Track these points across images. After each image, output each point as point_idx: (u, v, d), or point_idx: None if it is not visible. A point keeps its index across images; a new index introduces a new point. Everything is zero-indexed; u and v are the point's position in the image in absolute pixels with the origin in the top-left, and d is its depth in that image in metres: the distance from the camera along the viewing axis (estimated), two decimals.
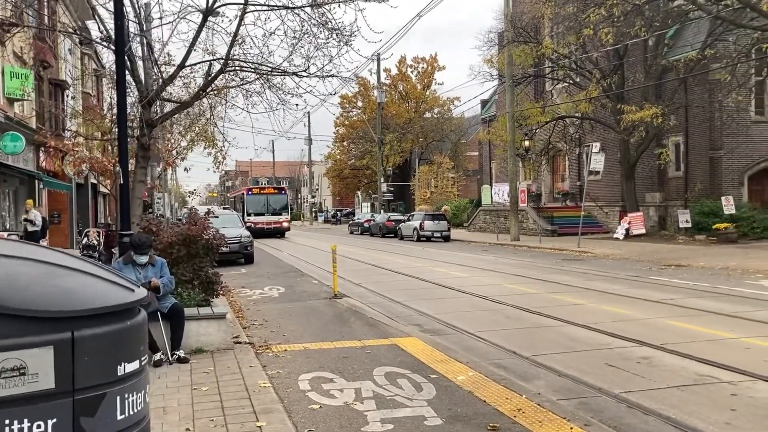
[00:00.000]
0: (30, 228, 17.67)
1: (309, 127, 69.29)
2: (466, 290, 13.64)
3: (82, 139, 19.98)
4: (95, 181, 31.75)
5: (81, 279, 2.61)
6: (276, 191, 44.44)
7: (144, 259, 7.44)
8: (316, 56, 10.67)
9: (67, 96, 29.30)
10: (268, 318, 10.57)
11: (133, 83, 10.92)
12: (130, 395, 2.66)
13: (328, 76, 10.79)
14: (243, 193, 44.51)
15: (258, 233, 37.18)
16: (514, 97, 30.55)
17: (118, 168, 10.85)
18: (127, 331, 2.66)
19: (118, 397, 2.59)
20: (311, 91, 11.37)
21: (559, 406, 5.58)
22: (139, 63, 11.04)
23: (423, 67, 67.62)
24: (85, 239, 20.38)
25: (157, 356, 7.07)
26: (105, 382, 2.54)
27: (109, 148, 21.66)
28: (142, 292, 2.88)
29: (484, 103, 48.23)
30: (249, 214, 39.86)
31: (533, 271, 17.28)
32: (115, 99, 19.31)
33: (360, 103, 67.88)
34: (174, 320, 7.35)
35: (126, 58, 10.44)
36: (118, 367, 2.59)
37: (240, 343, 7.98)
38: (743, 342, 8.31)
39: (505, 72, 30.85)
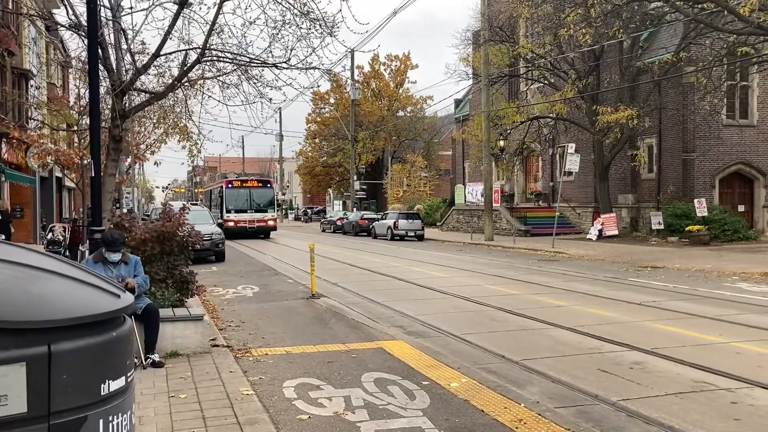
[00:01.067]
0: None
1: (280, 123, 68.56)
2: (446, 291, 13.38)
3: (47, 131, 19.27)
4: (60, 175, 30.85)
5: (58, 283, 2.24)
6: (261, 184, 38.07)
7: (117, 256, 7.00)
8: (297, 47, 10.28)
9: (31, 86, 28.36)
10: (244, 319, 10.17)
11: (105, 72, 10.40)
12: (115, 417, 2.30)
13: (311, 68, 10.42)
14: (221, 187, 37.69)
15: (239, 233, 34.11)
16: (490, 97, 30.45)
17: (87, 161, 10.36)
18: (113, 344, 2.30)
19: (101, 421, 2.23)
20: (291, 83, 10.95)
21: (560, 416, 5.33)
22: (112, 51, 10.52)
23: (396, 65, 67.31)
24: (50, 234, 19.66)
25: None
26: (86, 404, 2.18)
27: (76, 140, 20.98)
28: (128, 298, 2.52)
29: (457, 102, 48.15)
30: (229, 211, 35.17)
31: (511, 272, 17.11)
32: (83, 90, 18.73)
33: (332, 100, 67.35)
34: (148, 322, 6.93)
35: (98, 45, 9.94)
36: (102, 385, 2.24)
37: (217, 346, 7.59)
38: (733, 346, 8.17)
39: (480, 71, 30.71)
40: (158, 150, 17.14)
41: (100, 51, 10.02)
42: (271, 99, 11.76)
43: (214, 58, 10.88)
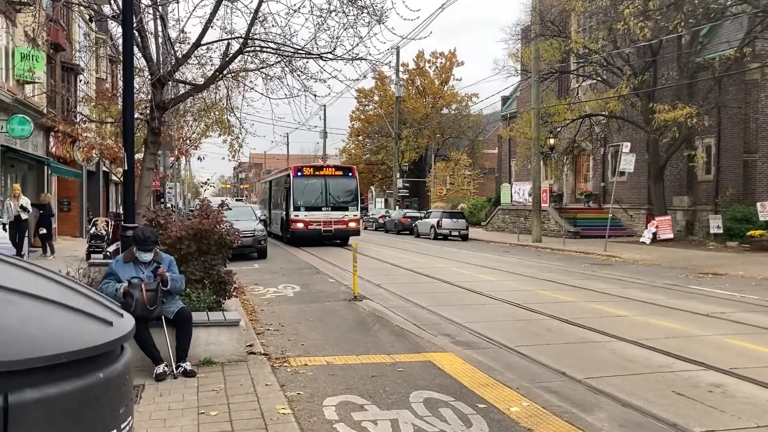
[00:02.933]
0: (23, 215, 16.80)
1: (324, 119, 68.14)
2: (495, 296, 12.67)
3: (93, 125, 19.20)
4: (107, 169, 31.03)
5: (28, 309, 1.68)
6: (340, 173, 28.31)
7: (148, 256, 6.54)
8: (344, 36, 9.71)
9: (80, 81, 28.54)
10: (284, 322, 9.66)
11: (144, 62, 10.02)
12: None
13: (357, 59, 9.84)
14: (287, 176, 28.21)
15: (311, 238, 26.43)
16: (540, 93, 29.47)
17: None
18: (100, 388, 1.73)
19: None
20: (336, 75, 10.38)
21: None
22: (152, 40, 10.13)
23: (441, 63, 66.42)
24: (93, 228, 19.56)
25: (161, 368, 6.18)
26: None
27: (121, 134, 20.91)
28: (126, 323, 1.96)
29: (504, 99, 47.12)
30: (297, 208, 26.48)
31: (563, 276, 16.27)
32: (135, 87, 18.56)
33: (376, 98, 66.88)
34: (180, 327, 6.45)
35: (137, 33, 9.56)
36: None
37: (254, 353, 7.07)
38: None
39: (529, 67, 29.76)
40: (200, 145, 16.75)
41: (139, 39, 9.65)
42: (315, 95, 11.26)
43: (257, 49, 10.40)
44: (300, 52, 10.28)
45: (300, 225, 26.27)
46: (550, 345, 8.48)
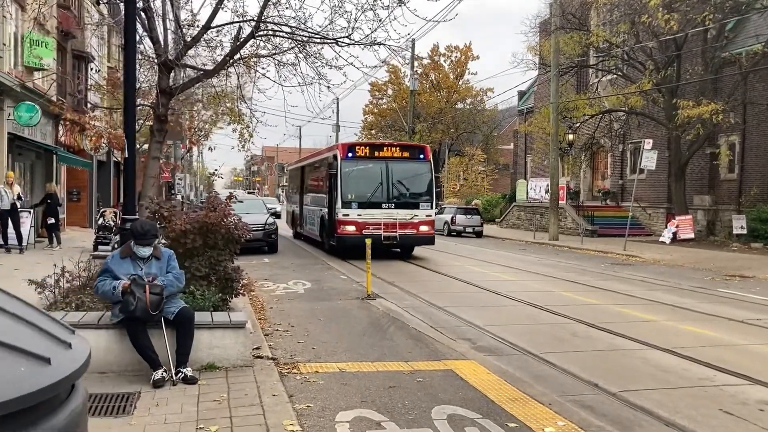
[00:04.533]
0: (18, 204, 16.41)
1: (338, 112, 67.54)
2: (515, 297, 12.09)
3: (100, 113, 18.76)
4: (117, 159, 30.66)
5: None
6: (407, 154, 19.78)
7: (147, 251, 6.02)
8: (362, 20, 9.15)
9: (91, 69, 28.12)
10: (293, 322, 9.13)
11: (151, 45, 9.51)
12: None
13: (375, 44, 9.27)
14: (333, 157, 19.66)
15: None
16: (559, 88, 28.75)
17: (139, 144, 9.41)
18: None
19: None
20: (353, 62, 9.83)
21: None
22: (159, 22, 9.61)
23: (456, 56, 65.55)
24: (101, 219, 19.14)
25: (159, 374, 5.67)
26: None
27: None
28: (77, 354, 1.42)
29: (521, 94, 46.38)
30: (348, 203, 18.74)
31: (584, 276, 15.65)
32: (142, 74, 18.11)
33: (390, 91, 66.22)
34: (181, 329, 5.93)
35: (143, 14, 9.05)
36: None
37: (261, 357, 6.54)
38: None
39: (549, 60, 29.04)
40: (211, 134, 16.25)
41: (146, 21, 9.14)
42: (329, 86, 10.72)
43: (270, 33, 9.86)
44: (315, 36, 9.72)
45: (350, 228, 18.47)
46: (578, 352, 7.90)
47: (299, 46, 10.01)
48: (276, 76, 10.50)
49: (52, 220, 18.44)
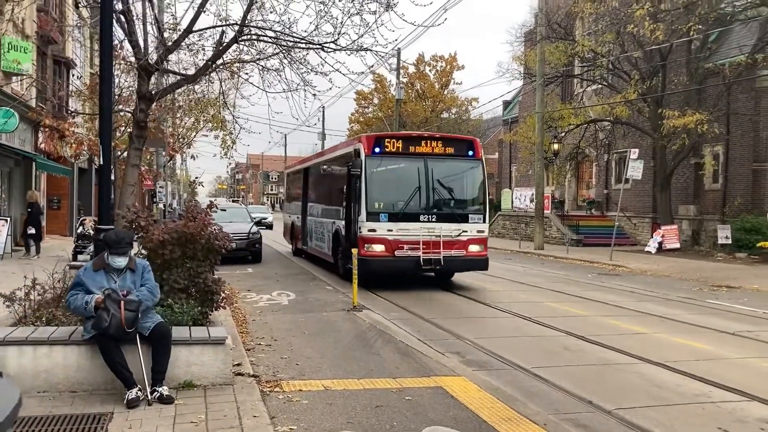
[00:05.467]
0: None
1: (323, 120, 67.42)
2: (503, 308, 11.88)
3: (81, 120, 18.37)
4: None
5: None
6: (452, 150, 15.21)
7: (122, 261, 5.72)
8: (347, 25, 8.93)
9: (73, 75, 27.68)
10: (277, 335, 8.84)
11: (131, 49, 9.22)
12: None
13: (361, 50, 9.05)
14: (356, 154, 14.96)
15: (398, 272, 14.59)
16: (544, 97, 28.72)
17: (119, 151, 9.18)
18: None
19: None
20: (339, 68, 9.60)
21: None
22: (139, 25, 9.31)
23: (441, 66, 65.73)
24: (81, 228, 18.73)
25: (133, 393, 5.36)
26: None
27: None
28: None
29: (506, 104, 46.42)
30: (374, 214, 14.32)
31: (573, 287, 15.48)
32: (122, 79, 17.74)
33: (376, 100, 66.20)
34: (157, 346, 5.63)
35: (122, 16, 8.77)
36: None
37: (242, 375, 6.25)
38: None
39: (534, 70, 29.03)
40: (193, 142, 15.93)
41: (126, 24, 8.86)
42: (315, 94, 10.46)
43: (254, 37, 9.60)
44: (300, 42, 9.48)
45: (378, 248, 14.06)
46: (570, 367, 7.69)
47: (284, 51, 9.76)
48: (260, 82, 10.26)
49: (32, 231, 18.00)
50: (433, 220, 14.42)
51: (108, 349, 5.49)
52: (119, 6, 8.45)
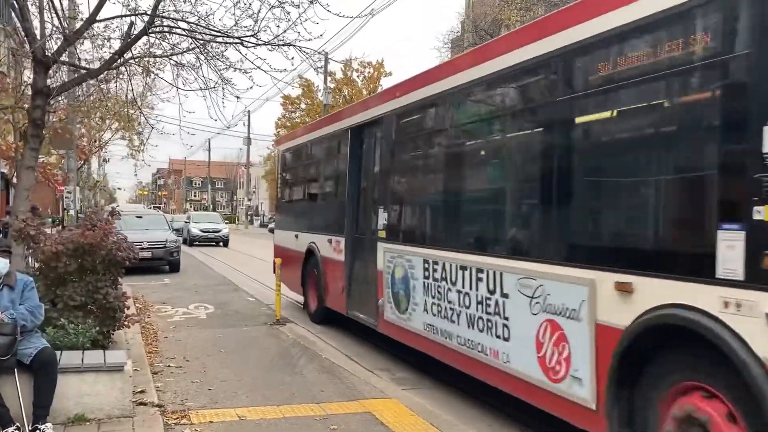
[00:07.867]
0: None
1: (249, 125, 66.03)
2: None
3: None
4: (4, 170, 28.24)
5: None
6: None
7: None
8: (269, 19, 8.31)
9: None
10: (190, 354, 8.07)
11: (26, 39, 8.31)
12: None
13: (284, 45, 8.43)
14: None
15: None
16: None
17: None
18: None
19: None
20: (260, 65, 8.95)
21: None
22: (35, 12, 8.41)
23: (369, 72, 65.56)
24: None
25: None
26: None
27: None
28: None
29: None
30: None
31: None
32: (28, 75, 16.40)
33: (303, 105, 65.33)
34: (41, 375, 4.83)
35: (15, 1, 7.87)
36: None
37: (145, 404, 5.51)
38: None
39: None
40: (105, 147, 14.84)
41: (19, 10, 7.95)
42: (238, 97, 9.77)
43: (165, 30, 8.83)
44: (217, 35, 8.78)
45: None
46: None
47: (200, 46, 9.02)
48: (174, 79, 9.47)
49: None
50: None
51: None
52: None
